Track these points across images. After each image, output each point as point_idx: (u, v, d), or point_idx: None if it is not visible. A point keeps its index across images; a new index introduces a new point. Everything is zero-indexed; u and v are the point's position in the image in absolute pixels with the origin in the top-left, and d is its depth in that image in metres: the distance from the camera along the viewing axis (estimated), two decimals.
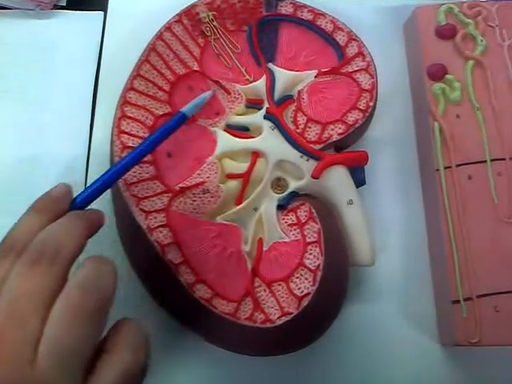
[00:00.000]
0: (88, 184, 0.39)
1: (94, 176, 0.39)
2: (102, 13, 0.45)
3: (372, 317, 0.37)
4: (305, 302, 0.32)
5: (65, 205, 0.28)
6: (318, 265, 0.33)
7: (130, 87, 0.38)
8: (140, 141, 0.36)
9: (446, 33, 0.40)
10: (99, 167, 0.39)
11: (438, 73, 0.39)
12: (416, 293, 0.37)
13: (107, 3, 0.45)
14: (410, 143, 0.41)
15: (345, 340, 0.36)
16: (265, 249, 0.35)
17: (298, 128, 0.37)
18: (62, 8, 0.45)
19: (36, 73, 0.43)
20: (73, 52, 0.44)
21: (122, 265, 0.36)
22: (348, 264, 0.35)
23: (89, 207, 0.30)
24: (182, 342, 0.35)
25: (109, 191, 0.36)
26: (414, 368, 0.36)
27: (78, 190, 0.39)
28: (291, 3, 0.41)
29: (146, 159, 0.36)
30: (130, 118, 0.37)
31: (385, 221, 0.39)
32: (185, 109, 0.35)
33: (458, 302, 0.34)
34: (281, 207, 0.36)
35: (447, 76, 0.39)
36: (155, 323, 0.35)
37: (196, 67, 0.39)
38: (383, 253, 0.37)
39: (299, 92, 0.39)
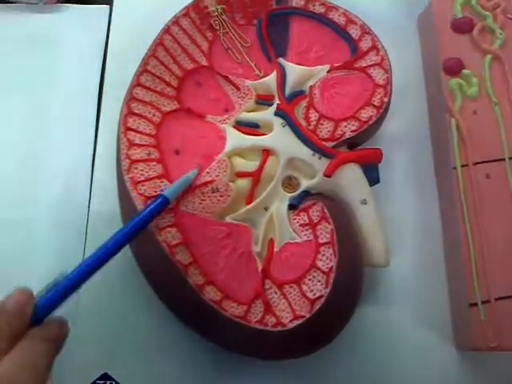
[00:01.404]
0: (93, 185, 0.38)
1: (100, 173, 0.38)
2: (107, 7, 0.44)
3: (386, 319, 0.36)
4: (317, 305, 0.31)
5: (23, 322, 0.23)
6: (331, 267, 0.32)
7: (136, 83, 0.37)
8: (147, 138, 0.36)
9: (463, 26, 0.39)
10: (105, 164, 0.38)
11: (454, 67, 0.38)
12: (431, 295, 0.36)
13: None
14: (425, 140, 0.40)
15: (358, 343, 0.35)
16: (276, 249, 0.34)
17: (309, 125, 0.36)
18: (67, 1, 0.44)
19: (41, 68, 0.42)
20: (78, 47, 0.43)
21: (129, 266, 0.35)
22: (362, 265, 0.33)
23: None
24: (190, 345, 0.35)
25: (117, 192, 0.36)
26: (429, 372, 0.35)
27: (83, 191, 0.38)
28: None
29: (153, 157, 0.35)
30: (136, 114, 0.36)
31: (399, 220, 0.38)
32: (167, 192, 0.32)
33: (475, 304, 0.33)
34: (292, 207, 0.35)
35: (464, 71, 0.38)
36: (163, 325, 0.35)
37: (204, 62, 0.38)
38: (398, 253, 0.36)
39: (311, 88, 0.37)
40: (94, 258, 0.27)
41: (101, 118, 0.40)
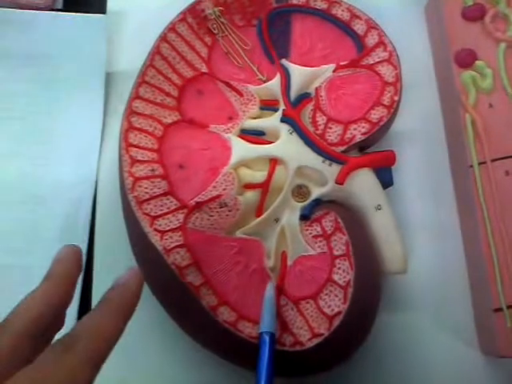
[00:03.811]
0: (97, 205, 0.37)
1: (102, 197, 0.37)
2: (104, 16, 0.41)
3: (407, 326, 0.34)
4: (336, 322, 0.30)
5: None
6: (349, 280, 0.30)
7: (135, 96, 0.35)
8: (149, 153, 0.34)
9: (474, 13, 0.37)
10: (109, 184, 0.37)
11: (466, 59, 0.36)
12: (453, 299, 0.35)
13: (105, 4, 0.42)
14: (438, 138, 0.38)
15: (379, 354, 0.34)
16: (289, 263, 0.32)
17: (317, 129, 0.35)
18: (60, 11, 0.42)
19: (42, 83, 0.41)
20: (79, 58, 0.41)
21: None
22: (381, 276, 0.32)
23: None
24: (205, 364, 0.34)
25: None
26: (455, 379, 0.34)
27: (85, 213, 0.37)
28: None
29: (157, 173, 0.34)
30: (137, 129, 0.35)
31: (416, 223, 0.36)
32: (264, 326, 0.29)
33: (500, 309, 0.32)
34: (304, 217, 0.33)
35: (477, 62, 0.36)
36: (177, 346, 0.34)
37: (204, 69, 0.37)
38: (415, 258, 0.35)
39: (317, 89, 0.36)
40: None
41: (104, 134, 0.39)
